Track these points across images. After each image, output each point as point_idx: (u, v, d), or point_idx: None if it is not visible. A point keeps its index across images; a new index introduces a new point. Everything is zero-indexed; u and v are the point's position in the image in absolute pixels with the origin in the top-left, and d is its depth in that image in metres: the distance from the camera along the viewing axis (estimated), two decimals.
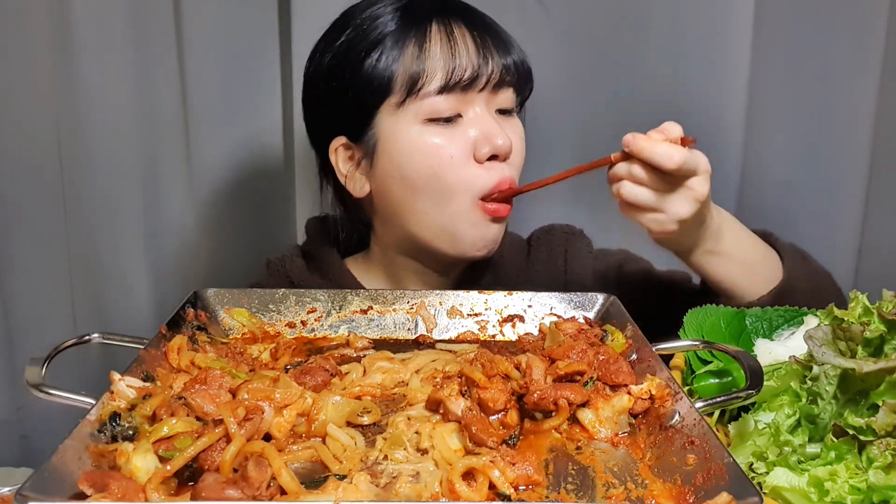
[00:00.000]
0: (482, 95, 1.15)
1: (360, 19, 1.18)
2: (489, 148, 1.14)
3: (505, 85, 1.17)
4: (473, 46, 1.14)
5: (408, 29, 1.15)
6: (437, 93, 1.13)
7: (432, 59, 1.13)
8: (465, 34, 1.15)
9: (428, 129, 1.14)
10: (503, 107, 1.19)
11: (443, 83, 1.13)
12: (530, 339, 0.99)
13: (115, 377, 0.80)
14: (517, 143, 1.19)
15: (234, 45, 1.50)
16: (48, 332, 1.54)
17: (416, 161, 1.15)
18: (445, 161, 1.14)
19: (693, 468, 0.71)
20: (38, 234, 1.52)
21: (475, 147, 1.15)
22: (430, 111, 1.14)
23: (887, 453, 0.74)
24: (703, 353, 1.01)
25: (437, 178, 1.14)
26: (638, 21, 1.48)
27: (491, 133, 1.15)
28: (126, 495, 0.65)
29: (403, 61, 1.13)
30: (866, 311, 0.89)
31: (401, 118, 1.14)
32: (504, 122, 1.18)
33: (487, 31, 1.17)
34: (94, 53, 1.42)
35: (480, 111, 1.16)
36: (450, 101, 1.14)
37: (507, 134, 1.16)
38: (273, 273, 1.30)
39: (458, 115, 1.15)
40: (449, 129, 1.15)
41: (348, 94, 1.17)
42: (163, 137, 1.51)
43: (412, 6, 1.17)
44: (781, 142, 1.55)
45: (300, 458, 0.76)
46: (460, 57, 1.13)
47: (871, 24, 1.48)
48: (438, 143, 1.14)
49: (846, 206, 1.56)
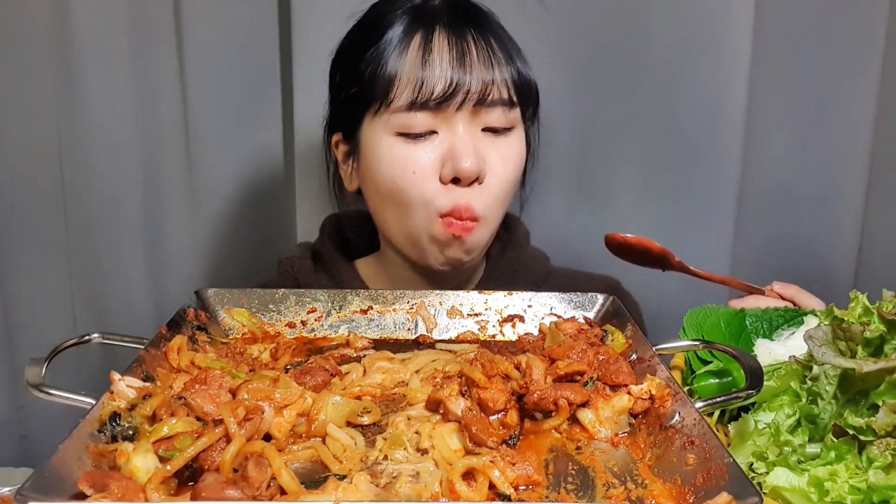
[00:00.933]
0: (461, 114, 1.12)
1: (368, 17, 1.18)
2: (450, 170, 1.12)
3: (491, 104, 1.13)
4: (452, 61, 1.10)
5: (399, 36, 1.13)
6: (406, 108, 1.11)
7: (406, 72, 1.11)
8: (449, 48, 1.11)
9: (397, 141, 1.13)
10: (492, 125, 1.14)
11: (412, 99, 1.10)
12: (530, 339, 0.99)
13: (115, 377, 0.80)
14: (498, 166, 1.15)
15: (235, 47, 1.50)
16: (48, 332, 1.54)
17: (383, 171, 1.15)
18: (407, 176, 1.13)
19: (693, 468, 0.71)
20: (38, 234, 1.52)
21: (442, 165, 1.13)
22: (400, 125, 1.12)
23: (887, 453, 0.74)
24: (703, 353, 1.01)
25: (399, 190, 1.14)
26: (638, 21, 1.47)
27: (457, 154, 1.11)
28: (126, 495, 0.65)
29: (385, 69, 1.12)
30: (866, 311, 0.89)
31: (377, 126, 1.14)
32: (489, 141, 1.15)
33: (479, 40, 1.13)
34: (95, 55, 1.42)
35: (461, 129, 1.12)
36: (421, 118, 1.11)
37: (478, 157, 1.12)
38: (283, 273, 1.31)
39: (432, 132, 1.13)
40: (419, 144, 1.13)
41: (341, 94, 1.18)
42: (163, 138, 1.51)
43: (417, 11, 1.15)
44: (781, 142, 1.55)
45: (300, 458, 0.76)
46: (432, 74, 1.10)
47: (871, 24, 1.48)
48: (402, 157, 1.13)
49: (846, 206, 1.56)
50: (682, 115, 1.50)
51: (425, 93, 1.10)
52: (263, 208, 1.61)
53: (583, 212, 1.56)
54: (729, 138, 1.51)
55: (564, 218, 1.56)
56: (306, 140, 1.51)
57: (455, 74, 1.10)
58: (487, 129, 1.15)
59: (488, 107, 1.13)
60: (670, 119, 1.51)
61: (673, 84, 1.49)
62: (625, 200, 1.56)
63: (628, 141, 1.53)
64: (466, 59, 1.11)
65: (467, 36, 1.13)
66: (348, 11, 1.22)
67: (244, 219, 1.60)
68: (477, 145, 1.13)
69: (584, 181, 1.57)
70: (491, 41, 1.14)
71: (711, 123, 1.50)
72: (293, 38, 1.48)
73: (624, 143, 1.53)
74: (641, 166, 1.54)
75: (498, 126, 1.15)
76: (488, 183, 1.15)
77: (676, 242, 1.52)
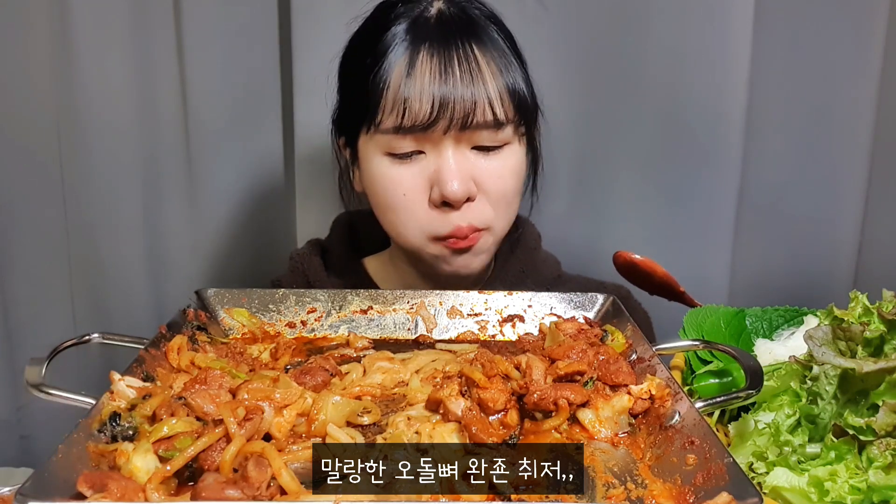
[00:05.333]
0: (448, 135, 1.09)
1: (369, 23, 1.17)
2: (438, 194, 1.10)
3: (475, 127, 1.09)
4: (435, 85, 1.06)
5: (387, 54, 1.09)
6: (393, 131, 1.09)
7: (390, 98, 1.08)
8: (432, 71, 1.07)
9: (386, 161, 1.12)
10: (483, 144, 1.11)
11: (396, 125, 1.08)
12: (530, 339, 0.99)
13: (115, 377, 0.80)
14: (494, 183, 1.12)
15: (234, 47, 1.50)
16: (48, 332, 1.54)
17: (377, 190, 1.15)
18: (398, 198, 1.12)
19: (693, 468, 0.71)
20: (38, 234, 1.52)
21: (430, 188, 1.11)
22: (387, 146, 1.11)
23: (887, 453, 0.74)
24: (703, 353, 1.01)
25: (393, 210, 1.14)
26: (638, 21, 1.47)
27: (444, 178, 1.09)
28: (126, 495, 0.65)
29: (372, 90, 1.09)
30: (866, 311, 0.89)
31: (370, 144, 1.14)
32: (482, 159, 1.12)
33: (468, 57, 1.09)
34: (95, 53, 1.42)
35: (449, 151, 1.10)
36: (408, 140, 1.10)
37: (467, 178, 1.10)
38: (294, 268, 1.31)
39: (419, 152, 1.11)
40: (408, 164, 1.11)
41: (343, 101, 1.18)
42: (163, 137, 1.51)
43: (409, 25, 1.11)
44: (781, 142, 1.55)
45: (300, 458, 0.76)
46: (416, 99, 1.06)
47: (871, 24, 1.48)
48: (393, 178, 1.12)
49: (846, 206, 1.56)
50: (683, 115, 1.50)
51: (409, 119, 1.07)
52: (264, 208, 1.61)
53: (582, 213, 1.56)
54: (729, 139, 1.51)
55: (564, 219, 1.56)
56: (306, 140, 1.51)
57: (438, 100, 1.07)
58: (478, 148, 1.12)
59: (474, 129, 1.10)
60: (670, 120, 1.51)
61: (673, 84, 1.49)
62: (624, 201, 1.56)
63: (628, 142, 1.53)
64: (450, 83, 1.07)
65: (453, 55, 1.09)
66: (349, 12, 1.22)
67: (244, 219, 1.60)
68: (465, 166, 1.11)
69: (583, 182, 1.57)
70: (479, 57, 1.10)
71: (711, 124, 1.49)
72: (293, 38, 1.48)
73: (624, 143, 1.53)
74: (641, 167, 1.54)
75: (488, 144, 1.12)
76: (487, 199, 1.13)
77: (676, 243, 1.53)
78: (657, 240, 1.53)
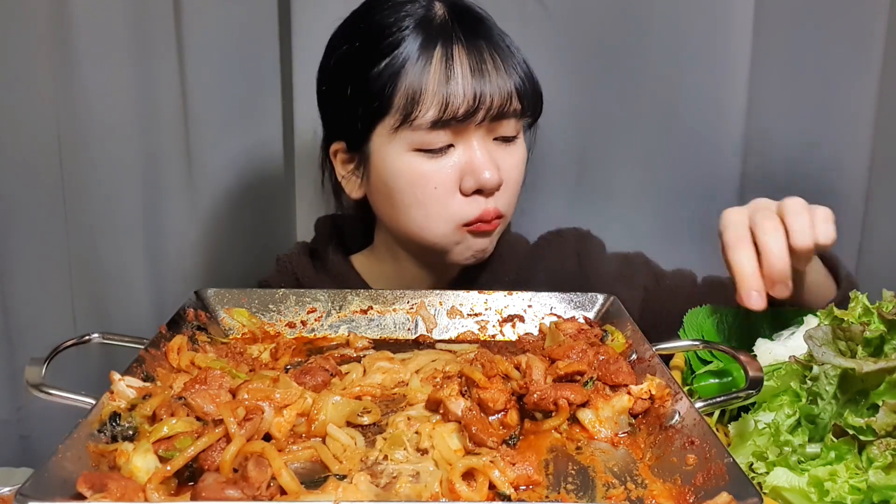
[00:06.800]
0: (480, 127, 1.14)
1: (374, 22, 1.17)
2: (474, 182, 1.14)
3: (506, 116, 1.15)
4: (473, 79, 1.11)
5: (417, 51, 1.12)
6: (429, 126, 1.11)
7: (430, 90, 1.10)
8: (469, 64, 1.12)
9: (416, 157, 1.13)
10: (504, 135, 1.17)
11: (436, 118, 1.11)
12: (530, 339, 0.99)
13: (115, 377, 0.80)
14: (511, 171, 1.18)
15: (234, 45, 1.50)
16: (48, 332, 1.54)
17: (402, 186, 1.15)
18: (429, 192, 1.14)
19: (693, 468, 0.71)
20: (38, 234, 1.52)
21: (462, 178, 1.14)
22: (421, 142, 1.13)
23: (887, 453, 0.74)
24: (703, 353, 1.01)
25: (420, 204, 1.15)
26: (638, 21, 1.47)
27: (478, 168, 1.13)
28: (126, 495, 0.65)
29: (404, 83, 1.11)
30: (866, 311, 0.89)
31: (394, 141, 1.14)
32: (502, 150, 1.17)
33: (492, 53, 1.14)
34: (95, 54, 1.42)
35: (476, 142, 1.14)
36: (442, 135, 1.12)
37: (496, 167, 1.14)
38: (282, 270, 1.32)
39: (450, 146, 1.14)
40: (437, 159, 1.13)
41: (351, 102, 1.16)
42: (163, 137, 1.51)
43: (428, 24, 1.14)
44: (781, 141, 1.55)
45: (300, 458, 0.76)
46: (456, 93, 1.10)
47: (871, 24, 1.48)
48: (424, 173, 1.13)
49: (846, 206, 1.56)
50: (683, 115, 1.50)
51: (450, 112, 1.11)
52: (264, 207, 1.61)
53: (582, 212, 1.56)
54: (729, 138, 1.51)
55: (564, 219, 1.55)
56: (306, 139, 1.51)
57: (477, 92, 1.11)
58: (498, 139, 1.17)
59: (505, 119, 1.15)
60: (670, 119, 1.51)
61: (673, 84, 1.49)
62: (624, 201, 1.56)
63: (628, 141, 1.53)
64: (486, 76, 1.12)
65: (483, 51, 1.13)
66: (349, 12, 1.22)
67: (244, 218, 1.60)
68: (493, 156, 1.15)
69: (583, 181, 1.57)
70: (500, 52, 1.15)
71: (711, 124, 1.50)
72: (293, 38, 1.48)
73: (623, 143, 1.53)
74: (641, 166, 1.54)
75: (509, 135, 1.17)
76: (505, 187, 1.17)
77: (676, 242, 1.53)
78: (656, 239, 1.53)
